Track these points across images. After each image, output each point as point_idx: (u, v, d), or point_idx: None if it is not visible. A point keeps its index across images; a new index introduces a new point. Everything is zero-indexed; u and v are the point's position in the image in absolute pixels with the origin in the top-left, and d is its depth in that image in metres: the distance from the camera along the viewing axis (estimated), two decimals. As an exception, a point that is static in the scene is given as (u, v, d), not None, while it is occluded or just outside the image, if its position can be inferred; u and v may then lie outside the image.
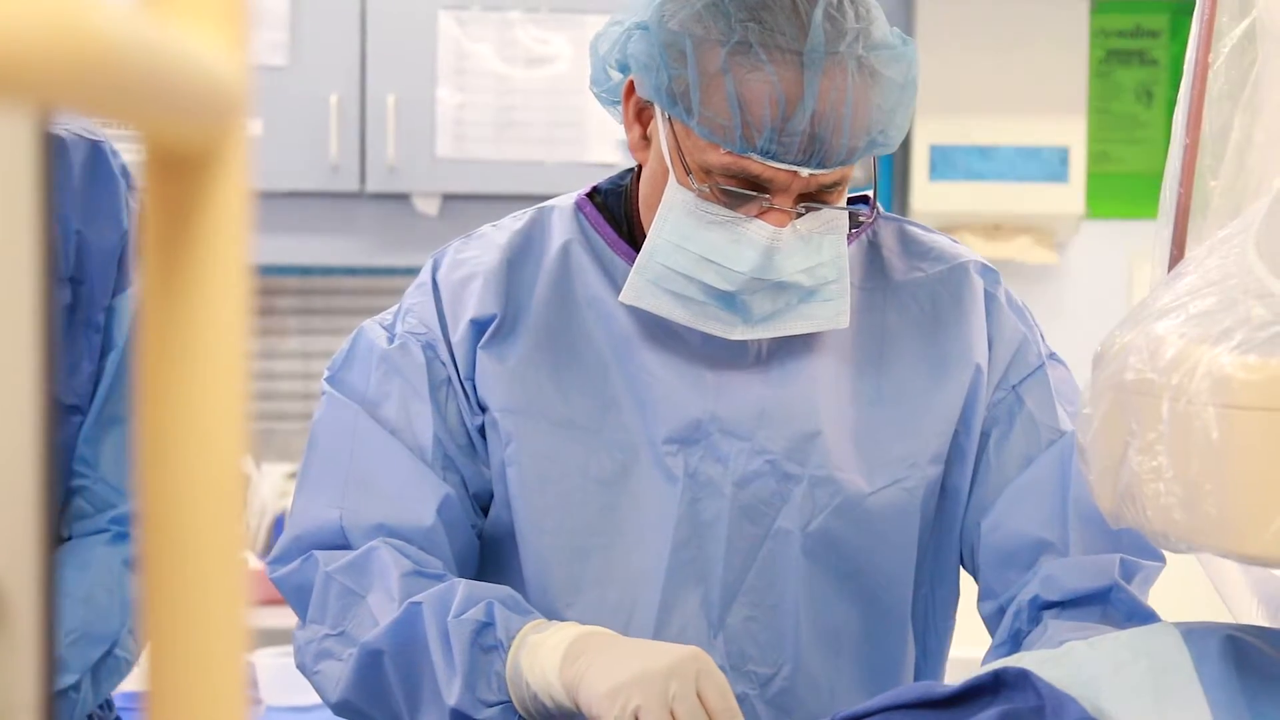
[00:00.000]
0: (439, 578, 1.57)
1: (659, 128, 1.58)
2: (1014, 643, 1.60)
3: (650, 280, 1.59)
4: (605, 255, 1.68)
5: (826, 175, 1.54)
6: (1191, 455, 1.11)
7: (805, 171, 1.53)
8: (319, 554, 1.61)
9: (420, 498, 1.61)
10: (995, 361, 1.69)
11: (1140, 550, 1.63)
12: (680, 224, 1.57)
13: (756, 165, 1.53)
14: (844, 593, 1.66)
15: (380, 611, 1.56)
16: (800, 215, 1.56)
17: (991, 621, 1.66)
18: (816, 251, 1.57)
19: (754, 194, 1.54)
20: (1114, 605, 1.58)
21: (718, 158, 1.53)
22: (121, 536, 1.71)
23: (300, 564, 1.62)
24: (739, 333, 1.59)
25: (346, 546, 1.61)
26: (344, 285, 4.18)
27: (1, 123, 0.69)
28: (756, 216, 1.55)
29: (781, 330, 1.60)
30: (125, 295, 1.72)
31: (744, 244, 1.55)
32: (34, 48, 0.44)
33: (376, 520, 1.61)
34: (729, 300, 1.57)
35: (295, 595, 1.63)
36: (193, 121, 0.57)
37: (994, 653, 1.61)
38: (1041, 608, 1.60)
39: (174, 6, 0.58)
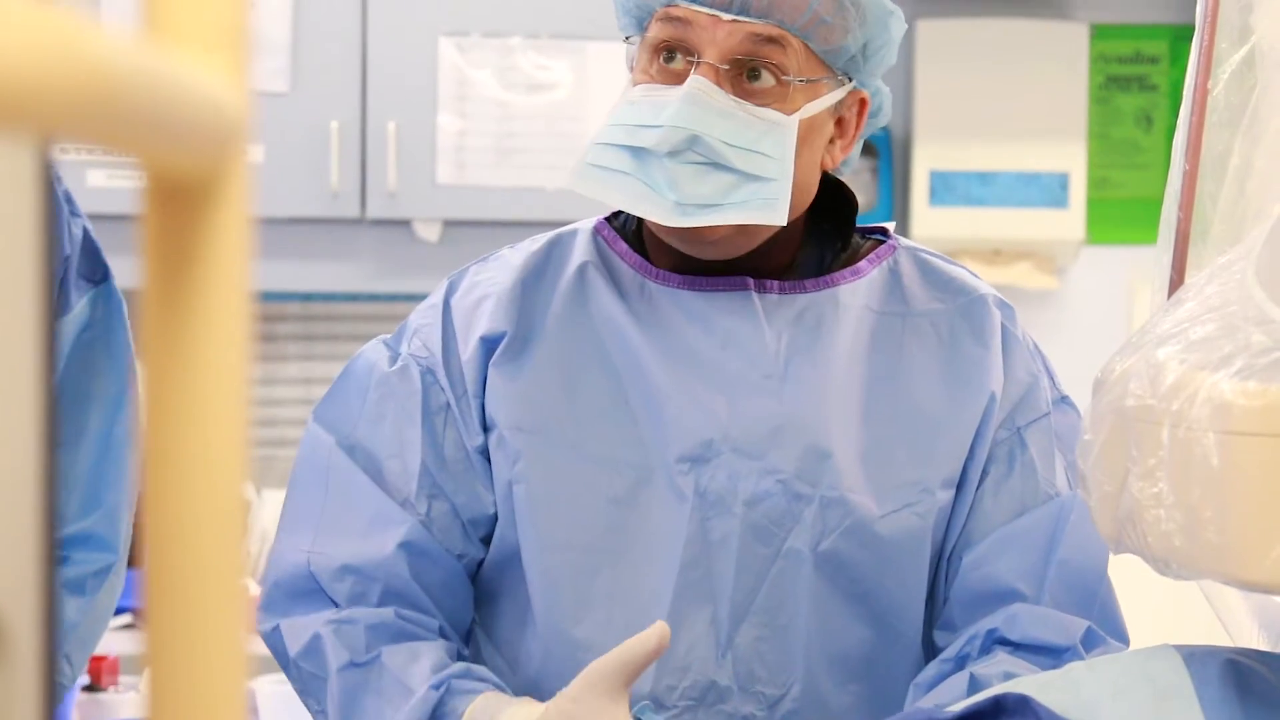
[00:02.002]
0: (373, 661, 1.60)
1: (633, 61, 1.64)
2: (957, 664, 1.60)
3: (586, 162, 1.60)
4: (621, 275, 1.68)
5: (753, 25, 1.56)
6: (1192, 482, 1.11)
7: (727, 16, 1.56)
8: (283, 626, 1.64)
9: (383, 532, 1.64)
10: (1005, 397, 1.68)
11: (1111, 629, 1.64)
12: (619, 108, 1.60)
13: (680, 8, 1.56)
14: (854, 615, 1.65)
15: (331, 702, 1.61)
16: (735, 84, 1.57)
17: (941, 649, 1.66)
18: (747, 130, 1.57)
19: (689, 58, 1.57)
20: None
21: (653, 31, 1.59)
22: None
23: (271, 633, 1.66)
24: (674, 219, 1.57)
25: (318, 590, 1.64)
26: (345, 311, 4.18)
27: (2, 152, 0.70)
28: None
29: (716, 218, 1.57)
30: (66, 319, 1.74)
31: (668, 101, 1.57)
32: (35, 77, 0.44)
33: (342, 561, 1.64)
34: (654, 167, 1.57)
35: (275, 655, 1.67)
36: (194, 149, 0.57)
37: (936, 667, 1.62)
38: (997, 641, 1.61)
39: (175, 34, 0.58)
